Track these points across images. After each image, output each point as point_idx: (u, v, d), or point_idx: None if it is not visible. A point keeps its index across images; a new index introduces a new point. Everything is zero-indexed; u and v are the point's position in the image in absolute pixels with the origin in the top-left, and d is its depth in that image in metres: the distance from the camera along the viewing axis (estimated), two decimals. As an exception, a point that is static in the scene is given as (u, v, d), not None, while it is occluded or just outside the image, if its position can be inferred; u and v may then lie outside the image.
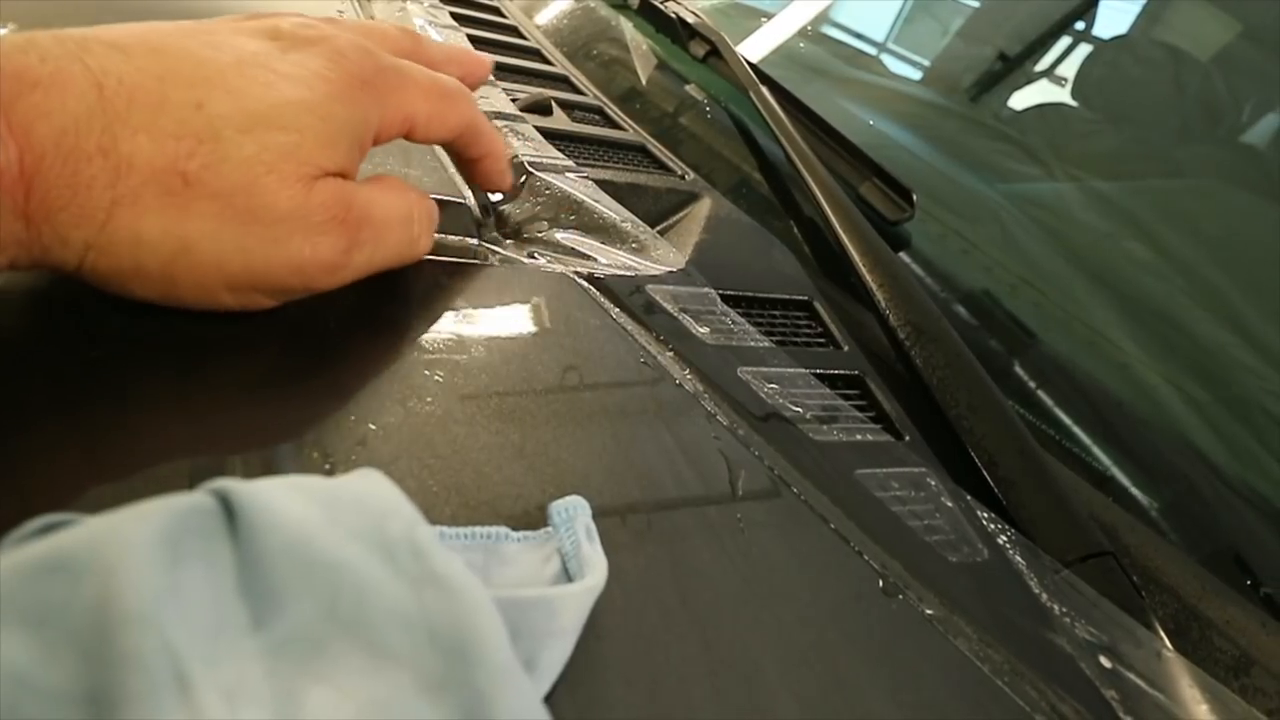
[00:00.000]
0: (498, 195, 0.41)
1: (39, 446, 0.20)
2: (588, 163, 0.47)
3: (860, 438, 0.34)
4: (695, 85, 0.67)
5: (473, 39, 0.62)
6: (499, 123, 0.46)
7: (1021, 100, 0.75)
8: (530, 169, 0.42)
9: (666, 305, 0.36)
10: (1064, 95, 0.73)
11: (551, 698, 0.19)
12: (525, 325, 0.31)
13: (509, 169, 0.35)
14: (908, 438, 0.35)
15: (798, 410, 0.33)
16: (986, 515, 0.32)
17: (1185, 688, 0.27)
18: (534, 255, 0.37)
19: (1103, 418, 0.41)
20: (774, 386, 0.34)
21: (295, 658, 0.16)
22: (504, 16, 0.73)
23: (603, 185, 0.44)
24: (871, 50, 0.89)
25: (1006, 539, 0.31)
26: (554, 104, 0.53)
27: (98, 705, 0.13)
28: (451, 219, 0.36)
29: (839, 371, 0.37)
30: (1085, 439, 0.40)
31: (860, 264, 0.43)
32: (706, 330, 0.36)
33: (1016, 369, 0.44)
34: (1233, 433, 0.40)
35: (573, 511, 0.23)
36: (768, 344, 0.37)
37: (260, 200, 0.23)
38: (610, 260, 0.39)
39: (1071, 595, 0.29)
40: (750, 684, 0.21)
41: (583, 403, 0.29)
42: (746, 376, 0.34)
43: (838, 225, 0.45)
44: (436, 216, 0.31)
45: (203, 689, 0.14)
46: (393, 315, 0.29)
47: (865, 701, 0.22)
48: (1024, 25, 0.79)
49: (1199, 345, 0.45)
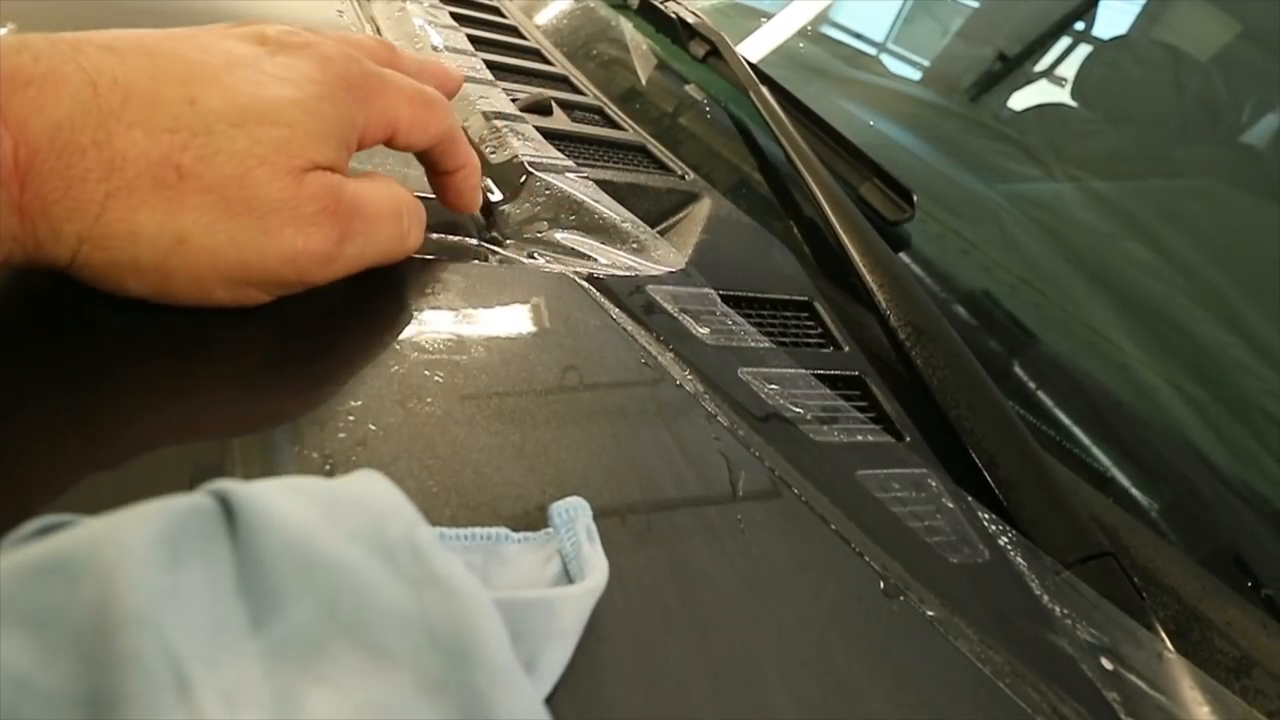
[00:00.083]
0: (497, 195, 0.41)
1: (36, 447, 0.20)
2: (588, 163, 0.47)
3: (861, 438, 0.34)
4: (695, 85, 0.67)
5: (472, 39, 0.61)
6: (499, 122, 0.46)
7: (1021, 100, 0.75)
8: (530, 169, 0.42)
9: (667, 305, 0.36)
10: (1064, 95, 0.73)
11: (552, 699, 0.19)
12: (525, 325, 0.31)
13: (480, 187, 0.35)
14: (908, 438, 0.35)
15: (798, 411, 0.33)
16: (987, 516, 0.32)
17: (1186, 689, 0.27)
18: (534, 255, 0.37)
19: (1103, 418, 0.41)
20: (774, 387, 0.34)
21: (295, 659, 0.16)
22: (504, 16, 0.73)
23: (603, 185, 0.44)
24: (871, 50, 0.89)
25: (1007, 540, 0.31)
26: (554, 104, 0.53)
27: (97, 706, 0.13)
28: (452, 219, 0.36)
29: (839, 372, 0.37)
30: (1085, 440, 0.40)
31: (861, 264, 0.43)
32: (707, 331, 0.36)
33: (1016, 369, 0.44)
34: (1234, 433, 0.40)
35: (573, 512, 0.23)
36: (768, 344, 0.37)
37: (253, 192, 0.24)
38: (610, 260, 0.39)
39: (1072, 596, 0.29)
40: (751, 685, 0.21)
41: (583, 403, 0.29)
42: (747, 377, 0.34)
43: (838, 225, 0.45)
44: (425, 214, 0.31)
45: (202, 690, 0.14)
46: (392, 315, 0.29)
47: (866, 703, 0.22)
48: (1024, 25, 0.79)
49: (1199, 346, 0.45)
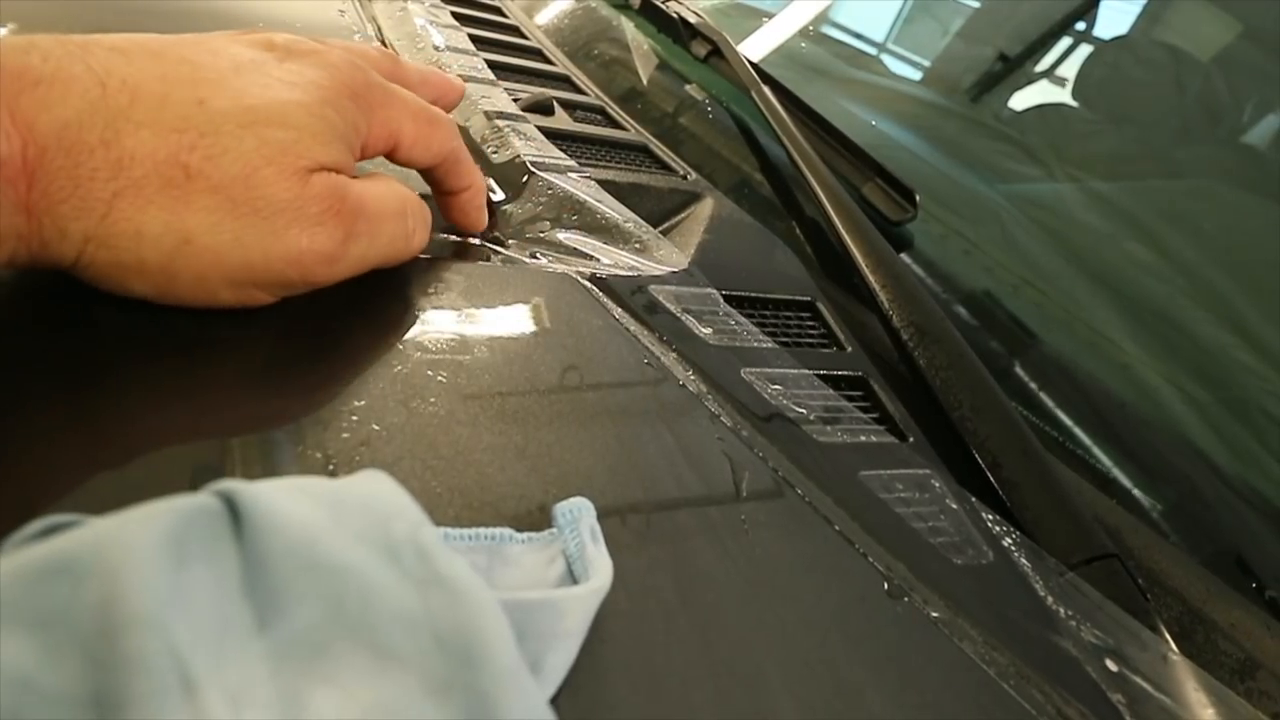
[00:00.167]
0: (499, 195, 0.41)
1: (40, 447, 0.20)
2: (590, 163, 0.47)
3: (864, 439, 0.33)
4: (697, 85, 0.67)
5: (474, 38, 0.61)
6: (501, 122, 0.46)
7: (1022, 101, 0.75)
8: (533, 169, 0.42)
9: (669, 306, 0.36)
10: (1064, 96, 0.73)
11: (555, 700, 0.19)
12: (528, 325, 0.31)
13: (485, 208, 0.35)
14: (911, 439, 0.35)
15: (801, 411, 0.33)
16: (991, 517, 0.32)
17: (1190, 691, 0.27)
18: (536, 255, 0.37)
19: (1106, 419, 0.41)
20: (777, 387, 0.34)
21: (300, 659, 0.16)
22: (505, 16, 0.73)
23: (605, 185, 0.44)
24: (871, 50, 0.89)
25: (1011, 541, 0.31)
26: (556, 104, 0.53)
27: (102, 707, 0.13)
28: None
29: (842, 372, 0.37)
30: (1089, 441, 0.40)
31: (863, 264, 0.43)
32: (709, 331, 0.36)
33: (1019, 370, 0.44)
34: (1238, 435, 0.40)
35: (577, 513, 0.23)
36: (771, 345, 0.37)
37: (259, 192, 0.24)
38: (613, 260, 0.39)
39: (1076, 598, 0.29)
40: (754, 686, 0.21)
41: (585, 403, 0.29)
42: (750, 377, 0.34)
43: (840, 226, 0.45)
44: (430, 215, 0.31)
45: (207, 691, 0.14)
46: (395, 315, 0.29)
47: (870, 704, 0.22)
48: (1024, 26, 0.79)
49: (1201, 346, 0.45)
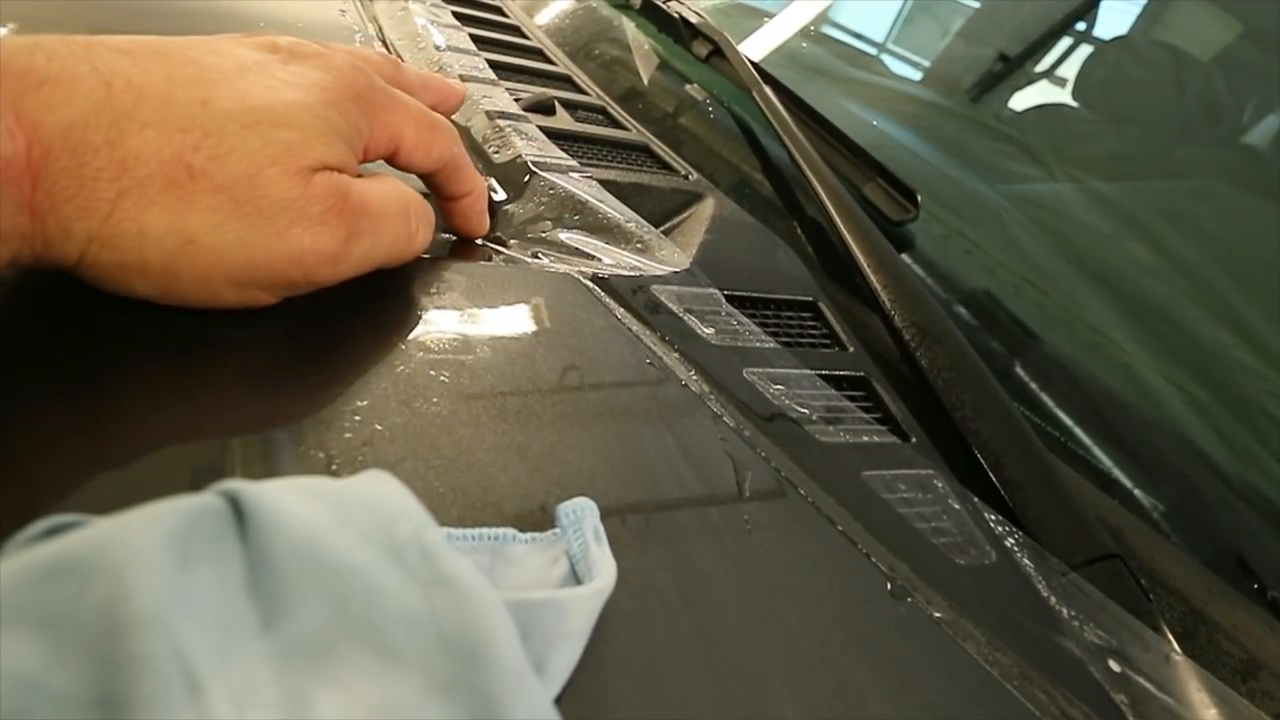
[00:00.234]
0: (501, 195, 0.41)
1: (43, 447, 0.20)
2: (591, 163, 0.47)
3: (866, 439, 0.33)
4: (698, 85, 0.67)
5: (475, 38, 0.61)
6: (502, 122, 0.46)
7: (1022, 101, 0.75)
8: (534, 169, 0.42)
9: (671, 306, 0.36)
10: (1065, 96, 0.73)
11: (558, 700, 0.19)
12: (530, 325, 0.31)
13: (486, 212, 0.36)
14: (914, 439, 0.35)
15: (803, 411, 0.33)
16: (993, 518, 0.32)
17: (1193, 691, 0.27)
18: (538, 255, 0.37)
19: (1108, 420, 0.41)
20: (780, 387, 0.34)
21: (305, 660, 0.16)
22: (506, 16, 0.73)
23: (606, 185, 0.44)
24: (872, 50, 0.89)
25: (1014, 541, 0.31)
26: (557, 104, 0.53)
27: (107, 708, 0.13)
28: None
29: (844, 373, 0.37)
30: (1091, 441, 0.40)
31: (865, 265, 0.42)
32: (711, 331, 0.36)
33: (1021, 370, 0.44)
34: (1240, 435, 0.40)
35: (580, 513, 0.23)
36: (773, 345, 0.37)
37: (262, 191, 0.24)
38: (614, 260, 0.39)
39: (1079, 598, 0.29)
40: (756, 686, 0.21)
41: (588, 403, 0.29)
42: (752, 377, 0.34)
43: (842, 226, 0.45)
44: (433, 215, 0.31)
45: (212, 691, 0.14)
46: (397, 315, 0.29)
47: (872, 705, 0.22)
48: (1024, 26, 0.79)
49: (1203, 346, 0.45)
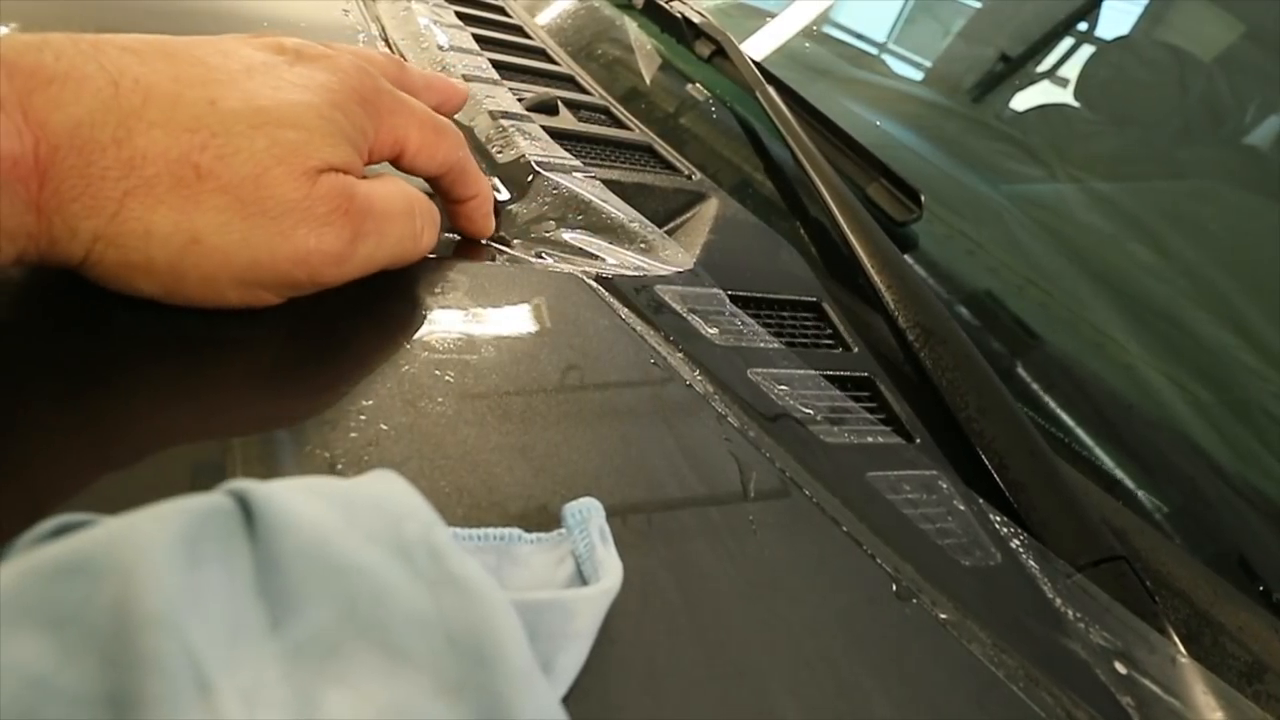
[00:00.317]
0: (504, 194, 0.41)
1: (48, 446, 0.20)
2: (594, 162, 0.47)
3: (870, 440, 0.33)
4: (700, 85, 0.67)
5: (478, 38, 0.61)
6: (506, 122, 0.46)
7: (1024, 101, 0.75)
8: (537, 168, 0.42)
9: (675, 306, 0.36)
10: (1066, 96, 0.73)
11: (565, 700, 0.19)
12: (534, 325, 0.31)
13: (492, 215, 0.36)
14: (918, 440, 0.35)
15: (808, 412, 0.33)
16: (998, 519, 0.32)
17: (1199, 694, 0.27)
18: (542, 255, 0.37)
19: (1113, 421, 0.41)
20: (784, 388, 0.34)
21: (313, 660, 0.16)
22: (509, 16, 0.73)
23: (610, 185, 0.44)
24: (873, 50, 0.89)
25: (1019, 543, 0.31)
26: (560, 104, 0.53)
27: (117, 707, 0.13)
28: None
29: (848, 373, 0.37)
30: (1095, 442, 0.40)
31: (869, 265, 0.42)
32: (715, 331, 0.36)
33: (1025, 371, 0.44)
34: (1245, 437, 0.40)
35: (586, 513, 0.23)
36: (777, 345, 0.37)
37: (268, 191, 0.24)
38: (618, 260, 0.39)
39: (1084, 600, 0.29)
40: (761, 687, 0.21)
41: (592, 403, 0.28)
42: (756, 378, 0.34)
43: (845, 226, 0.45)
44: (439, 215, 0.31)
45: (222, 691, 0.14)
46: (401, 315, 0.29)
47: (877, 706, 0.22)
48: (1026, 26, 0.79)
49: (1207, 347, 0.45)
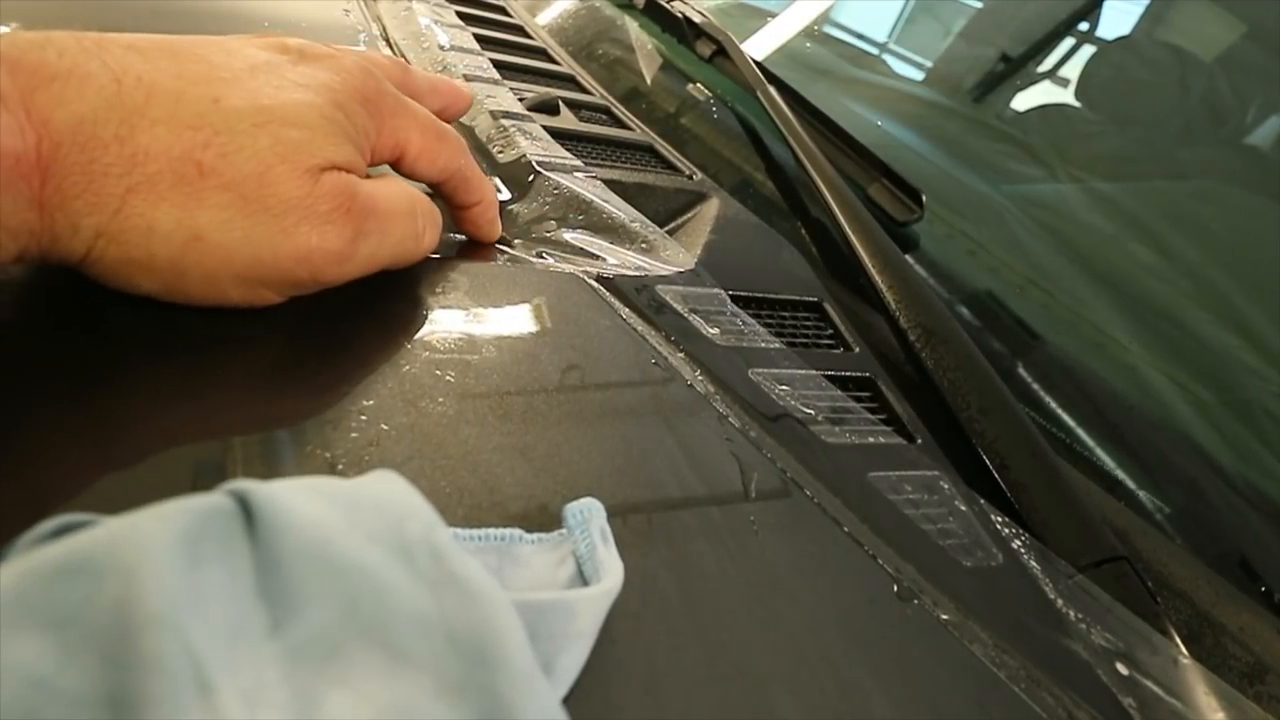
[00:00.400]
0: (506, 195, 0.41)
1: (48, 445, 0.20)
2: (595, 162, 0.47)
3: (872, 440, 0.33)
4: (701, 85, 0.67)
5: (479, 38, 0.61)
6: (507, 121, 0.46)
7: (1025, 101, 0.75)
8: (538, 168, 0.42)
9: (676, 306, 0.36)
10: (1067, 96, 0.73)
11: (565, 700, 0.19)
12: (535, 325, 0.31)
13: (497, 220, 0.36)
14: (919, 440, 0.35)
15: (809, 412, 0.33)
16: (1000, 519, 0.32)
17: (1201, 694, 0.27)
18: (543, 255, 0.37)
19: (1114, 421, 0.41)
20: (785, 388, 0.34)
21: (314, 660, 0.16)
22: (509, 16, 0.73)
23: (611, 185, 0.44)
24: (874, 50, 0.89)
25: (1020, 543, 0.31)
26: (561, 103, 0.53)
27: (118, 707, 0.13)
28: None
29: (850, 373, 0.37)
30: (1097, 442, 0.40)
31: (870, 265, 0.42)
32: (716, 331, 0.36)
33: (1026, 371, 0.44)
34: (1246, 437, 0.40)
35: (587, 513, 0.23)
36: (778, 345, 0.37)
37: (270, 189, 0.24)
38: (619, 260, 0.39)
39: (1086, 600, 0.29)
40: (762, 688, 0.21)
41: (593, 403, 0.28)
42: (757, 378, 0.34)
43: (847, 226, 0.45)
44: (440, 215, 0.31)
45: (223, 691, 0.14)
46: (402, 315, 0.29)
47: (878, 707, 0.22)
48: (1026, 26, 0.79)
49: (1209, 347, 0.45)
